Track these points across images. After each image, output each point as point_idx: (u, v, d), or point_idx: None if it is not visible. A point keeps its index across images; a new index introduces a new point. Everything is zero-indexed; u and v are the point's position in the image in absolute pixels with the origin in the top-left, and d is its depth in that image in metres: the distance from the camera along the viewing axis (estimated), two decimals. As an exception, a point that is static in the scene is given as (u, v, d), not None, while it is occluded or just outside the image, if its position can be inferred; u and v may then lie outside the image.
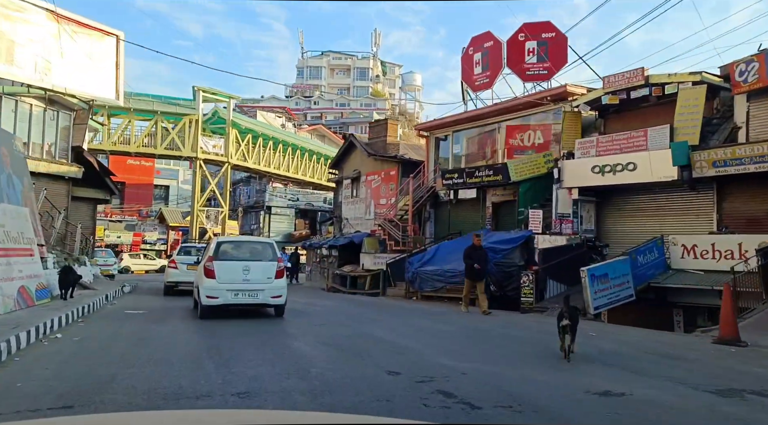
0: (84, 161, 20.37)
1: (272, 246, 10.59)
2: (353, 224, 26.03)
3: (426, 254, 16.19)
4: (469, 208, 19.61)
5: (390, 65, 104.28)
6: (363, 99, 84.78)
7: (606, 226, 15.49)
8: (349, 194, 26.78)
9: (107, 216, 47.95)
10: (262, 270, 9.85)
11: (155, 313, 11.21)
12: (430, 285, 15.08)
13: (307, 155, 44.04)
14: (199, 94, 34.07)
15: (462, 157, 20.80)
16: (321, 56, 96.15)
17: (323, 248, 24.47)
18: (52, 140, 19.39)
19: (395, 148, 24.24)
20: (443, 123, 21.09)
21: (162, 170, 53.77)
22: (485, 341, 8.15)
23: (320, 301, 15.75)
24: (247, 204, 56.58)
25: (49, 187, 19.20)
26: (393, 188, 23.25)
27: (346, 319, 10.64)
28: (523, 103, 17.72)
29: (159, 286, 21.41)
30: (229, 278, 9.63)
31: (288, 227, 56.94)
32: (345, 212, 26.96)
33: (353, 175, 26.07)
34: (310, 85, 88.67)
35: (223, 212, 36.54)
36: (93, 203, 22.11)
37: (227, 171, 36.41)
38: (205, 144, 34.76)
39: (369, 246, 21.08)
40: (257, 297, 9.81)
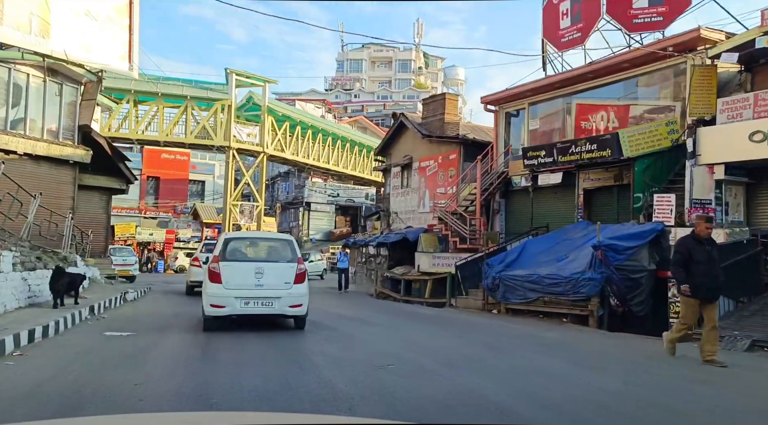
0: (93, 144, 17.45)
1: (291, 244, 8.86)
2: (404, 219, 22.41)
3: (508, 255, 12.42)
4: (552, 196, 15.68)
5: (432, 58, 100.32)
6: (405, 91, 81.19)
7: (760, 216, 11.34)
8: (399, 184, 23.17)
9: (141, 213, 45.94)
10: (278, 273, 8.26)
11: (147, 334, 7.93)
12: (520, 295, 11.29)
13: (348, 146, 40.70)
14: (232, 77, 31.13)
15: (540, 135, 16.87)
16: (362, 49, 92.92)
17: (370, 246, 20.96)
18: (55, 117, 16.51)
19: (454, 128, 20.49)
20: (517, 93, 17.18)
21: (197, 164, 51.48)
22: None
23: (369, 313, 12.24)
24: (285, 200, 53.81)
25: (50, 173, 16.32)
26: (453, 175, 19.50)
27: (419, 354, 6.98)
28: (629, 60, 13.69)
29: (180, 288, 18.35)
30: (239, 283, 8.04)
31: (328, 225, 53.86)
32: (393, 205, 23.37)
33: (404, 161, 22.45)
34: (351, 77, 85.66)
35: (259, 206, 33.54)
36: (106, 193, 19.23)
37: (263, 162, 33.39)
38: (239, 132, 31.81)
39: (426, 244, 17.41)
40: (272, 306, 8.17)
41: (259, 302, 8.09)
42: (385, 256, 20.38)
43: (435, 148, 20.61)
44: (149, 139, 30.67)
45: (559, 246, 12.19)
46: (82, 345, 7.00)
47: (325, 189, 52.85)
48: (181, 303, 13.24)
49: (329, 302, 15.45)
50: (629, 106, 13.87)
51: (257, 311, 8.14)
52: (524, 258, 12.04)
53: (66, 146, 16.45)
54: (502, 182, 17.25)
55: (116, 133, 29.87)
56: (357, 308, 14.05)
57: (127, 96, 29.35)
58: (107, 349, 6.84)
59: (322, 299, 16.09)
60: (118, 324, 9.01)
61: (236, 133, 31.69)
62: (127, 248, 23.17)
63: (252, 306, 8.07)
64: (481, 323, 10.52)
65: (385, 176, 24.62)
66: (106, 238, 19.27)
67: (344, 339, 8.10)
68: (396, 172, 23.43)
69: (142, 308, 11.76)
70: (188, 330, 8.57)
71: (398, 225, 22.75)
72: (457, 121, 20.83)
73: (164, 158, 48.99)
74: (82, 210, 18.41)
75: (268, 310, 8.17)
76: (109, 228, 19.60)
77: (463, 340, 8.20)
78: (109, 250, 21.69)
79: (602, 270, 9.56)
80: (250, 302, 8.05)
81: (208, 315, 8.13)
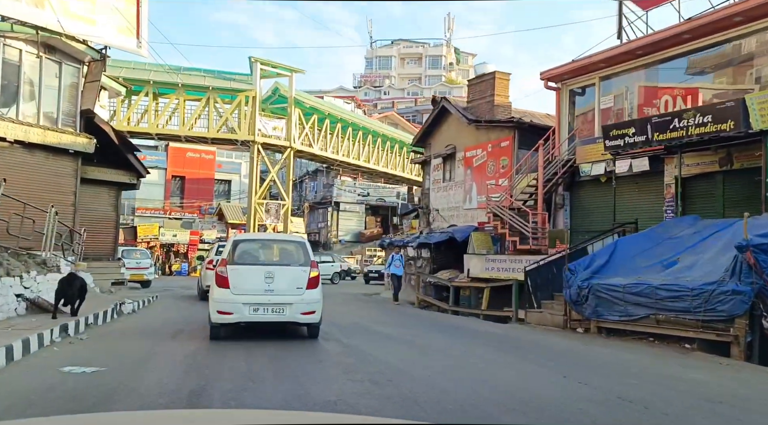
0: (98, 132, 15.42)
1: (304, 247, 8.40)
2: (446, 217, 19.84)
3: (595, 258, 9.75)
4: (633, 187, 12.92)
5: (463, 55, 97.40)
6: (436, 87, 78.48)
7: None
8: (440, 178, 20.61)
9: (166, 213, 44.43)
10: (289, 278, 7.85)
11: (119, 370, 5.66)
12: (619, 311, 8.61)
13: (379, 142, 38.29)
14: (257, 66, 29.07)
15: (613, 116, 14.11)
16: (391, 45, 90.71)
17: (409, 247, 18.45)
18: (53, 100, 14.52)
19: (506, 111, 17.84)
20: (585, 66, 14.43)
21: (223, 163, 49.77)
22: None
23: (414, 330, 9.76)
24: (313, 200, 51.76)
25: (47, 164, 14.31)
26: (506, 165, 16.84)
27: (521, 412, 4.43)
28: (742, 12, 10.85)
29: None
30: (247, 288, 7.65)
31: (357, 225, 51.54)
32: (434, 202, 20.82)
33: (446, 152, 19.88)
34: (380, 74, 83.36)
35: (286, 205, 31.37)
36: (115, 188, 17.19)
37: (289, 158, 31.23)
38: (264, 126, 29.73)
39: (479, 244, 14.82)
40: (283, 313, 7.71)
41: (269, 308, 7.59)
42: (428, 258, 17.85)
43: (483, 135, 18.00)
44: (170, 133, 28.84)
45: (661, 247, 9.49)
46: (16, 391, 4.71)
47: (354, 188, 50.57)
48: (190, 314, 10.99)
49: (361, 313, 13.01)
50: (744, 69, 11.01)
51: (267, 318, 7.65)
52: (617, 262, 9.36)
53: (65, 133, 14.42)
54: (567, 172, 14.55)
55: (136, 127, 28.14)
56: (396, 322, 11.57)
57: (146, 87, 27.56)
58: (47, 401, 4.51)
59: (355, 309, 13.70)
60: (91, 351, 6.73)
61: (261, 126, 29.62)
62: (140, 250, 21.20)
63: (261, 313, 7.58)
64: (576, 350, 7.87)
65: (424, 170, 22.09)
66: (115, 238, 17.24)
67: (381, 372, 5.63)
68: (437, 164, 20.87)
69: (137, 323, 9.53)
70: (181, 359, 6.24)
71: (439, 224, 20.19)
72: (509, 104, 18.16)
73: (189, 157, 47.39)
74: (88, 207, 16.41)
75: (279, 317, 7.67)
76: (118, 227, 17.59)
77: (574, 383, 5.60)
78: (121, 252, 19.73)
79: (751, 280, 6.86)
80: (260, 308, 7.56)
81: (215, 322, 7.65)
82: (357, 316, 12.30)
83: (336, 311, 13.16)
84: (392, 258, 17.05)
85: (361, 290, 23.49)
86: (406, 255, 18.83)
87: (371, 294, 20.71)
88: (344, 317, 11.86)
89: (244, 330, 8.00)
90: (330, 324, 10.27)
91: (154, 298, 13.42)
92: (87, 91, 15.18)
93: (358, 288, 24.66)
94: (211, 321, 7.70)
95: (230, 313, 7.49)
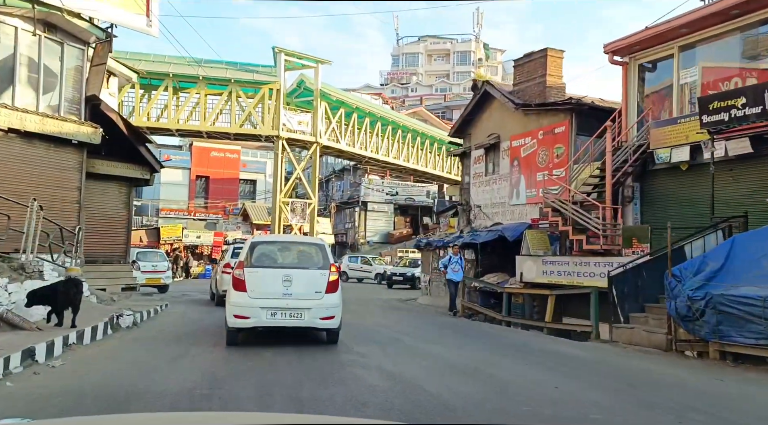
0: (106, 122, 13.89)
1: (323, 249, 8.05)
2: (489, 214, 17.82)
3: (706, 261, 7.65)
4: (727, 174, 10.73)
5: (492, 51, 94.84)
6: (466, 82, 76.15)
7: None
8: (481, 171, 18.58)
9: (190, 214, 43.34)
10: (308, 281, 7.51)
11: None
12: (759, 333, 6.50)
13: (409, 137, 36.34)
14: (281, 57, 27.46)
15: (697, 89, 11.91)
16: (418, 42, 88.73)
17: (450, 247, 16.47)
18: (54, 85, 13.02)
19: (559, 93, 15.73)
20: (661, 33, 12.26)
21: (248, 162, 48.59)
22: None
23: (475, 354, 7.83)
24: (339, 200, 50.12)
25: (47, 156, 12.80)
26: (561, 154, 14.74)
27: None
28: None
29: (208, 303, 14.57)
30: (265, 292, 7.34)
31: (386, 226, 49.66)
32: (475, 197, 18.81)
33: (488, 142, 17.86)
34: (407, 71, 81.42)
35: (312, 204, 29.66)
36: (126, 184, 15.65)
37: (315, 154, 29.52)
38: (289, 120, 28.09)
39: (534, 244, 12.78)
40: (302, 318, 7.36)
41: (287, 313, 7.40)
42: (472, 260, 15.86)
43: (533, 121, 15.92)
44: (191, 129, 27.42)
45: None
46: None
47: (382, 187, 48.74)
48: (200, 328, 9.26)
49: (402, 325, 11.11)
50: None
51: (285, 323, 7.46)
52: (737, 266, 7.25)
53: (68, 122, 12.89)
54: (638, 159, 12.40)
55: (156, 123, 26.81)
56: (448, 338, 9.63)
57: (165, 81, 26.18)
58: None
59: (394, 320, 11.77)
60: (55, 388, 4.97)
61: (286, 121, 27.98)
62: (157, 252, 19.69)
63: (279, 318, 7.39)
64: (721, 391, 5.78)
65: (463, 163, 20.08)
66: (127, 239, 15.71)
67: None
68: (477, 156, 18.85)
69: (132, 342, 7.79)
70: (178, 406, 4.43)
71: (482, 222, 18.18)
72: (563, 85, 16.02)
73: (214, 157, 46.31)
74: (95, 205, 14.93)
75: (297, 322, 7.47)
76: (130, 227, 16.04)
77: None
78: (135, 254, 18.25)
79: None
80: (278, 313, 7.38)
81: (232, 327, 7.47)
82: (397, 329, 10.41)
83: (373, 323, 11.29)
84: (449, 260, 14.42)
85: (391, 294, 21.61)
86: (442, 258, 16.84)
87: (406, 300, 18.80)
88: (382, 331, 9.99)
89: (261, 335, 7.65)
90: (368, 340, 8.41)
91: (164, 307, 11.75)
92: (93, 76, 13.65)
93: (385, 293, 22.79)
94: (227, 326, 7.47)
95: (247, 317, 7.28)
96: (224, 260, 14.59)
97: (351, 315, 12.85)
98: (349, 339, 8.27)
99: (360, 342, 8.25)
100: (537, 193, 15.64)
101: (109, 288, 14.32)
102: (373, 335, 9.43)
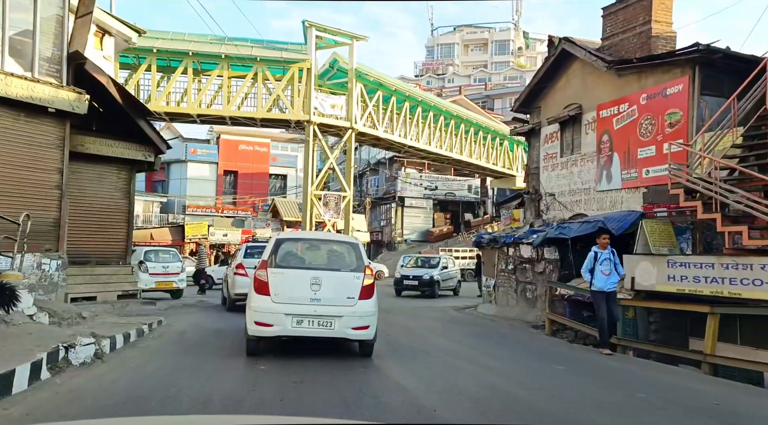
0: (94, 86, 11.09)
1: (357, 249, 7.15)
2: (568, 204, 14.42)
3: None
4: None
5: (532, 40, 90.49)
6: (507, 71, 72.29)
7: None
8: (556, 151, 15.17)
9: (217, 212, 40.95)
10: (340, 285, 6.66)
11: None
12: None
13: (453, 125, 32.97)
14: (312, 32, 24.50)
15: None
16: (453, 32, 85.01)
17: (522, 244, 13.13)
18: (26, 38, 10.24)
19: (668, 44, 12.20)
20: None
21: (279, 156, 46.02)
22: None
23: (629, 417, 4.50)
24: (375, 196, 47.09)
25: (18, 127, 10.06)
26: (678, 121, 11.21)
27: None
28: None
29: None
30: (290, 296, 6.51)
31: (424, 223, 46.36)
32: (546, 184, 15.41)
33: (565, 114, 14.44)
34: (443, 62, 77.80)
35: (347, 197, 26.60)
36: (125, 167, 12.86)
37: (350, 141, 26.46)
38: (321, 103, 25.12)
39: (656, 239, 9.36)
40: (332, 327, 6.49)
41: (315, 321, 6.45)
42: (552, 261, 12.47)
43: (632, 82, 12.44)
44: (213, 114, 24.71)
45: None
46: None
47: (420, 181, 45.46)
48: (196, 367, 6.24)
49: (489, 358, 7.88)
50: None
51: (312, 332, 6.48)
52: None
53: (41, 84, 10.09)
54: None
55: (175, 108, 24.21)
56: (577, 392, 6.38)
57: (185, 61, 23.53)
58: None
59: (467, 344, 8.50)
60: None
61: (318, 104, 25.02)
62: (169, 251, 16.88)
63: (306, 326, 6.45)
64: None
65: (530, 143, 16.68)
66: (128, 235, 12.92)
67: None
68: (550, 134, 15.44)
69: (57, 406, 4.73)
70: None
71: (557, 213, 14.79)
72: (673, 34, 12.47)
73: (242, 150, 43.89)
74: (87, 192, 12.19)
75: (326, 332, 6.48)
76: (131, 220, 13.23)
77: None
78: (143, 254, 15.52)
79: None
80: (304, 320, 6.44)
81: (252, 335, 6.57)
82: (483, 363, 7.21)
83: (438, 348, 8.10)
84: (595, 256, 8.85)
85: (439, 302, 18.37)
86: (519, 256, 13.49)
87: (463, 308, 15.55)
88: (462, 366, 6.82)
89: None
90: (447, 388, 5.25)
91: (155, 325, 8.78)
92: (77, 31, 10.85)
93: (433, 300, 19.56)
94: (247, 334, 6.69)
95: (270, 325, 6.47)
96: (237, 260, 12.05)
97: (402, 333, 9.77)
98: (411, 380, 5.15)
99: (429, 388, 5.12)
100: (639, 174, 12.19)
101: (101, 296, 11.55)
102: (450, 375, 6.27)
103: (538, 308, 12.57)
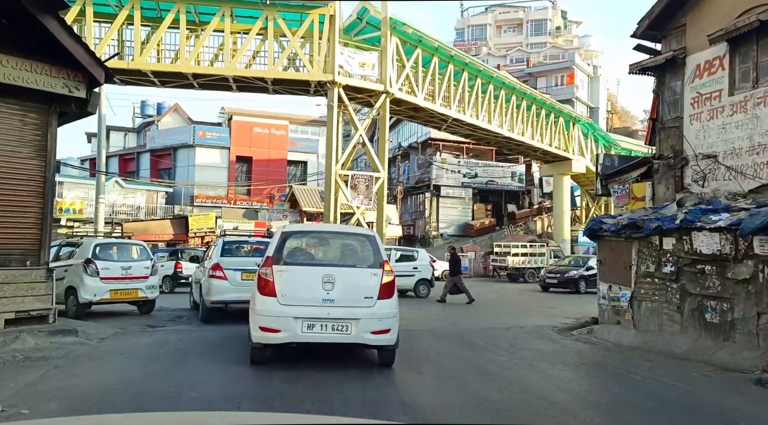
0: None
1: (374, 242, 6.34)
2: (744, 168, 8.97)
3: None
4: None
5: (569, 22, 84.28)
6: (548, 50, 66.36)
7: None
8: (721, 87, 9.70)
9: (229, 203, 36.20)
10: (356, 283, 5.96)
11: None
12: None
13: (502, 96, 27.49)
14: (335, -31, 19.29)
15: None
16: (485, 12, 79.10)
17: (701, 232, 7.71)
18: None
19: None
20: None
21: (298, 140, 40.99)
22: None
23: None
24: (406, 185, 41.82)
25: None
26: None
27: None
28: None
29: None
30: (300, 297, 5.75)
31: (462, 215, 40.89)
32: (697, 141, 9.98)
33: (744, 23, 8.97)
34: (476, 43, 71.94)
35: (380, 178, 21.33)
36: (37, 105, 7.82)
37: (384, 108, 21.21)
38: (347, 60, 19.96)
39: None
40: (347, 331, 5.72)
41: (329, 325, 5.68)
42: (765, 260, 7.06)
43: None
44: (213, 73, 19.71)
45: None
46: None
47: (458, 167, 40.01)
48: None
49: None
50: None
51: (326, 338, 5.71)
52: None
53: None
54: None
55: (166, 66, 19.30)
56: None
57: (176, 5, 18.59)
58: None
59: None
60: None
61: (344, 61, 19.87)
62: (134, 245, 11.77)
63: (318, 331, 5.67)
64: None
65: (663, 83, 11.20)
66: (44, 219, 7.91)
67: None
68: (708, 61, 9.97)
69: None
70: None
71: (722, 185, 9.38)
72: None
73: (257, 134, 39.00)
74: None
75: (342, 337, 5.72)
76: (49, 196, 8.14)
77: None
78: (93, 248, 10.56)
79: None
80: (316, 324, 5.67)
81: (257, 343, 5.81)
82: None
83: None
84: None
85: (516, 319, 13.04)
86: (691, 251, 8.09)
87: (566, 329, 10.20)
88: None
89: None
90: None
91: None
92: None
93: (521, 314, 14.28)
94: (251, 341, 5.84)
95: (277, 330, 5.62)
96: (212, 259, 7.74)
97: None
98: None
99: None
100: None
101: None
102: None
103: (736, 342, 7.17)
